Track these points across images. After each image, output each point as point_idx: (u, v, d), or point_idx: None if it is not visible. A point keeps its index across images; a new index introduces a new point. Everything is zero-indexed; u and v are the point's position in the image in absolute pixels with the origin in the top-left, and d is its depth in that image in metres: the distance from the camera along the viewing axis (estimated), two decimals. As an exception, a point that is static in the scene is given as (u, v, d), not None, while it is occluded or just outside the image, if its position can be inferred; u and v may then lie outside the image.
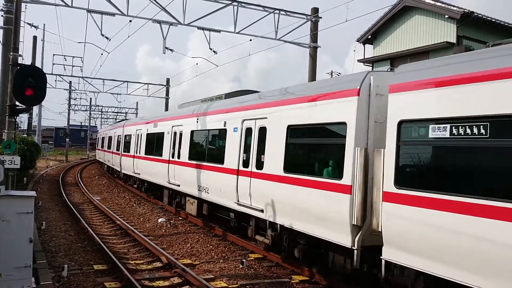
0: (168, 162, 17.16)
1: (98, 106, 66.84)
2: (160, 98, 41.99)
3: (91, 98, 62.36)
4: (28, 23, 28.21)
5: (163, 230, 14.63)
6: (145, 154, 20.87)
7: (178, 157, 16.20)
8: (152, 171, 19.58)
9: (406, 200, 6.59)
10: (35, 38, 33.00)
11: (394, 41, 25.25)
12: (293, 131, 9.56)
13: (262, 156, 10.61)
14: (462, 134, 5.95)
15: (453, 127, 6.08)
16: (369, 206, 7.39)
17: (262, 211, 10.38)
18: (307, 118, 9.07)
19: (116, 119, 66.62)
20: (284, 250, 9.98)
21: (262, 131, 10.71)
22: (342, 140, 7.98)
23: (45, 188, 24.92)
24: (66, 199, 20.24)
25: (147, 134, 21.05)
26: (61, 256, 10.87)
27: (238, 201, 11.52)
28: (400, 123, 6.82)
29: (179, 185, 16.09)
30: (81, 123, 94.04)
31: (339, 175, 7.94)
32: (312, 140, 9.31)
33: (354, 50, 28.43)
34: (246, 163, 11.31)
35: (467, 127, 5.92)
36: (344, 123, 7.94)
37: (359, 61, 27.34)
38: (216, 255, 11.55)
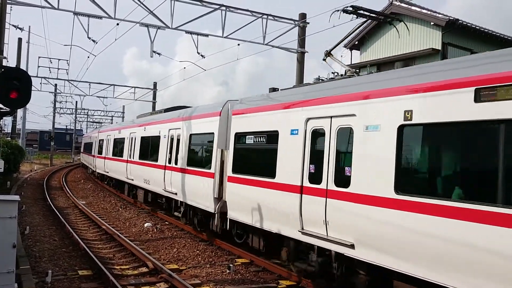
0: (127, 161, 22.04)
1: (84, 109, 66.32)
2: (147, 102, 41.78)
3: (76, 102, 62.05)
4: (13, 25, 27.80)
5: (150, 235, 14.51)
6: (112, 155, 25.85)
7: (132, 158, 21.11)
8: (117, 169, 24.61)
9: (235, 180, 11.16)
10: (20, 40, 32.57)
11: (381, 47, 25.52)
12: (193, 137, 14.17)
13: (177, 155, 15.07)
14: (257, 141, 10.52)
15: (254, 137, 10.60)
16: (224, 185, 11.94)
17: (176, 194, 14.89)
18: (200, 129, 13.65)
19: (101, 123, 66.11)
20: (188, 219, 14.63)
21: (178, 137, 15.31)
22: (212, 143, 12.58)
23: (29, 192, 24.55)
24: (51, 204, 19.96)
25: (115, 139, 25.86)
26: (45, 262, 10.70)
27: (165, 188, 15.91)
28: (235, 134, 11.36)
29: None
30: (66, 126, 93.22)
31: (210, 167, 12.54)
32: (203, 144, 13.63)
33: (341, 56, 28.60)
34: (170, 160, 15.82)
35: (259, 137, 10.42)
36: (213, 133, 12.62)
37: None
38: (203, 260, 11.48)
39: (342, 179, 7.65)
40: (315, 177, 8.31)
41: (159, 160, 16.97)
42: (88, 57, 23.74)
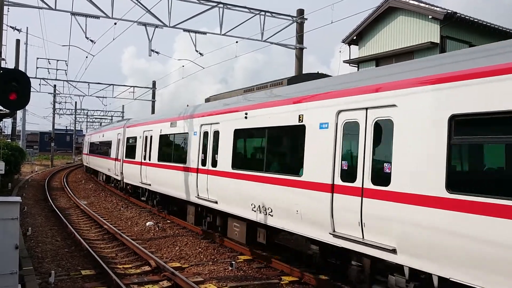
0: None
1: (83, 109, 66.31)
2: (147, 101, 41.77)
3: (76, 102, 61.95)
4: (11, 26, 27.77)
5: (152, 234, 14.54)
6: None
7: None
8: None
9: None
10: (18, 41, 32.60)
11: (379, 42, 25.49)
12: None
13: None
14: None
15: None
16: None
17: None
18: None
19: (101, 123, 66.12)
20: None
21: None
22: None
23: (30, 194, 24.57)
24: (52, 204, 19.98)
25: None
26: (48, 262, 10.72)
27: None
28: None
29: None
30: (66, 127, 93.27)
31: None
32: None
33: (340, 51, 28.63)
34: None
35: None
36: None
37: (345, 61, 27.52)
38: (205, 258, 11.51)
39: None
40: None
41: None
42: (87, 57, 23.87)
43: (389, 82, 6.97)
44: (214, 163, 12.23)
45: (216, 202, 11.96)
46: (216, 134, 12.33)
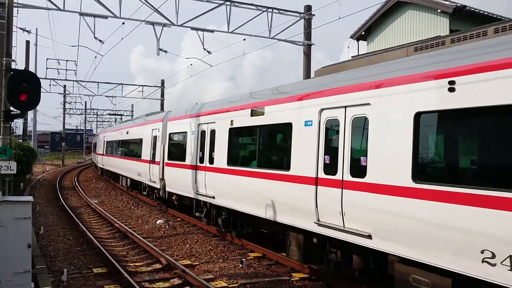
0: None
1: (93, 109, 66.81)
2: (156, 100, 41.97)
3: (86, 102, 62.30)
4: (20, 28, 28.00)
5: (162, 232, 14.63)
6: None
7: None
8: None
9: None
10: (27, 42, 32.91)
11: (388, 37, 25.30)
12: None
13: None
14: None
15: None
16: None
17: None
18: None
19: (115, 120, 66.52)
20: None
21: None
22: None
23: (42, 193, 24.84)
24: (64, 203, 20.18)
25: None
26: (60, 261, 10.84)
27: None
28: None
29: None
30: (76, 127, 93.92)
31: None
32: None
33: (348, 47, 28.44)
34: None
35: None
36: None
37: (353, 57, 27.37)
38: (216, 255, 11.55)
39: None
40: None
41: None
42: (96, 57, 23.87)
43: (364, 83, 7.65)
44: (360, 171, 7.59)
45: (370, 237, 7.39)
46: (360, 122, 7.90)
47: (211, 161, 12.99)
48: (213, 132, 13.10)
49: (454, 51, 6.47)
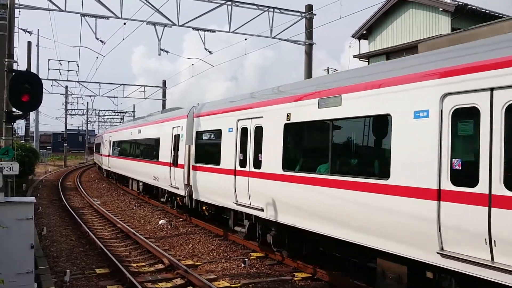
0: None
1: (95, 110, 66.87)
2: (157, 100, 42.00)
3: (87, 102, 62.40)
4: (22, 29, 28.05)
5: (164, 232, 14.63)
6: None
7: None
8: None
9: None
10: (29, 43, 32.90)
11: (389, 35, 25.27)
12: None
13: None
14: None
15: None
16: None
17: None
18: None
19: (111, 123, 66.59)
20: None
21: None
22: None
23: (44, 194, 24.88)
24: (66, 204, 20.21)
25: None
26: (63, 261, 10.86)
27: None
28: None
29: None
30: (78, 127, 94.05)
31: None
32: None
33: (350, 46, 28.45)
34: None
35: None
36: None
37: (355, 56, 27.36)
38: (218, 255, 11.55)
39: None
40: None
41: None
42: (97, 57, 23.92)
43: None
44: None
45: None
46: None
47: (257, 165, 10.78)
48: (258, 129, 10.90)
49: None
